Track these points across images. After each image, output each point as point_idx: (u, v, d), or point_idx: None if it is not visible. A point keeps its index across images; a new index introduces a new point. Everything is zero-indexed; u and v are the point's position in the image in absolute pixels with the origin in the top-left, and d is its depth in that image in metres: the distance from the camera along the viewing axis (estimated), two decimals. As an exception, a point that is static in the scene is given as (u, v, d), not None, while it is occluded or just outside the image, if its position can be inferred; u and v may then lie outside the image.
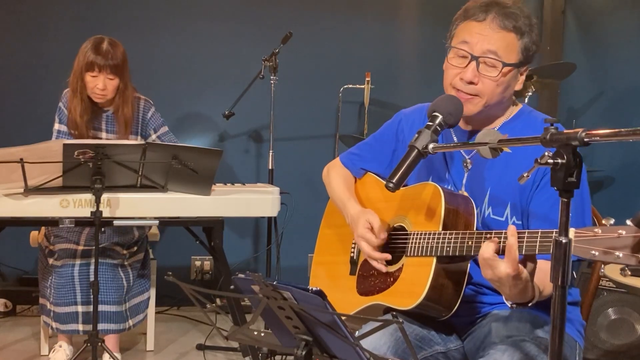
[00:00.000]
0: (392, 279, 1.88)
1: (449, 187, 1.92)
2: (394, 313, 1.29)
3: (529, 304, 1.64)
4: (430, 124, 1.72)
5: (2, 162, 2.68)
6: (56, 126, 3.35)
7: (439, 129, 1.72)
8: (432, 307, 1.78)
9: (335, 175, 2.22)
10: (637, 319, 3.13)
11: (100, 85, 3.19)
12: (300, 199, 4.10)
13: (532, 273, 1.59)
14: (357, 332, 1.78)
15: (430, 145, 1.68)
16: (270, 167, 3.95)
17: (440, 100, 1.78)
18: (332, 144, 4.54)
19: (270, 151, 3.96)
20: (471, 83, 1.81)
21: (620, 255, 1.29)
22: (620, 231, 1.30)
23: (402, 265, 1.86)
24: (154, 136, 3.42)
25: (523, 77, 1.88)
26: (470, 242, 1.69)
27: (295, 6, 4.53)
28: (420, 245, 1.80)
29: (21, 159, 2.67)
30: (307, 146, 4.59)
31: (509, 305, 1.68)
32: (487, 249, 1.57)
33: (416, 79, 4.69)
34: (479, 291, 1.89)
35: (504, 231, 1.62)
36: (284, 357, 3.26)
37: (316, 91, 4.56)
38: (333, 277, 2.12)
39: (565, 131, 1.30)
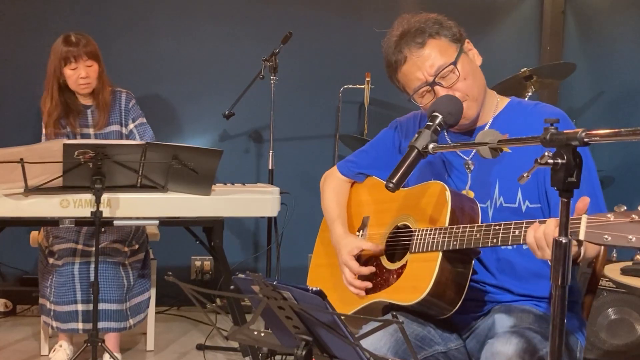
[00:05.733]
0: (395, 276, 1.88)
1: None
2: (394, 313, 1.29)
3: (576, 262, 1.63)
4: (430, 124, 1.72)
5: (2, 162, 2.68)
6: (44, 131, 3.39)
7: (439, 129, 1.73)
8: (435, 304, 1.77)
9: (328, 189, 2.26)
10: (637, 319, 3.13)
11: (83, 73, 3.23)
12: (300, 199, 4.10)
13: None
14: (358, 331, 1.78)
15: (430, 145, 1.68)
16: (270, 167, 3.95)
17: (440, 100, 1.79)
18: (332, 144, 4.54)
19: (270, 151, 3.96)
20: None
21: (633, 238, 1.29)
22: (633, 216, 1.30)
23: (406, 262, 1.86)
24: (131, 126, 3.43)
25: (474, 51, 1.92)
26: (478, 235, 1.69)
27: (295, 6, 4.53)
28: (426, 241, 1.80)
29: (21, 159, 2.67)
30: (307, 146, 4.59)
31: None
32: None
33: (416, 79, 4.69)
34: (481, 289, 1.89)
35: (512, 222, 1.64)
36: (284, 357, 3.27)
37: (316, 91, 4.56)
38: (333, 277, 2.11)
39: (565, 131, 1.30)
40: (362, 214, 2.11)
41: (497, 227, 1.66)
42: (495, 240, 1.66)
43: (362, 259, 2.02)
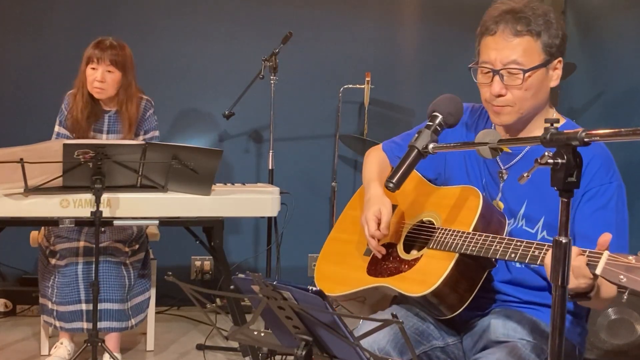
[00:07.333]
0: (406, 266, 1.90)
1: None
2: (394, 313, 1.29)
3: (588, 295, 1.59)
4: (430, 123, 1.73)
5: (2, 162, 2.68)
6: (56, 128, 3.38)
7: (439, 129, 1.73)
8: (438, 302, 1.78)
9: (372, 158, 2.23)
10: (637, 319, 3.13)
11: (99, 76, 3.20)
12: (300, 199, 4.10)
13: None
14: (356, 328, 1.79)
15: (430, 145, 1.69)
16: (270, 167, 3.95)
17: (441, 100, 1.79)
18: (332, 144, 4.54)
19: (270, 151, 3.96)
20: (500, 96, 1.81)
21: None
22: None
23: (421, 255, 1.87)
24: (141, 138, 3.39)
25: (558, 72, 1.86)
26: (498, 246, 1.69)
27: (295, 6, 4.53)
28: (446, 240, 1.81)
29: (21, 159, 2.67)
30: (307, 146, 4.59)
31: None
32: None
33: (416, 79, 4.69)
34: (487, 289, 1.90)
35: (535, 242, 1.63)
36: (284, 357, 3.27)
37: (316, 91, 4.56)
38: (345, 254, 2.12)
39: (565, 131, 1.30)
40: (392, 202, 2.10)
41: (518, 244, 1.66)
42: (513, 255, 1.65)
43: (380, 242, 2.03)
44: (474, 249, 1.73)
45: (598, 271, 1.42)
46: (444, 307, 1.79)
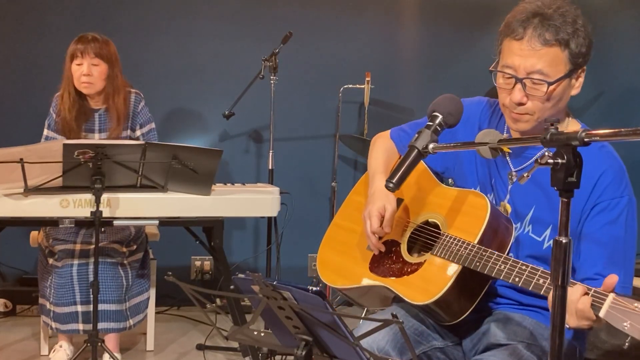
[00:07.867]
0: (409, 270, 1.88)
1: (491, 197, 1.91)
2: (394, 313, 1.29)
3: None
4: (430, 124, 1.72)
5: (2, 162, 2.68)
6: (45, 132, 3.37)
7: (439, 129, 1.72)
8: (440, 310, 1.78)
9: (380, 145, 2.18)
10: (637, 319, 3.12)
11: (85, 70, 3.19)
12: (300, 199, 4.10)
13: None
14: (355, 328, 1.79)
15: (430, 145, 1.68)
16: (270, 167, 3.95)
17: (441, 100, 1.78)
18: (332, 144, 4.53)
19: (270, 151, 3.96)
20: (520, 104, 1.76)
21: None
22: None
23: (424, 260, 1.86)
24: (138, 132, 3.38)
25: (581, 80, 1.81)
26: (502, 267, 1.67)
27: (295, 6, 4.53)
28: (451, 249, 1.79)
29: (21, 159, 2.67)
30: (307, 146, 4.59)
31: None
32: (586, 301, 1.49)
33: (416, 79, 4.69)
34: (489, 293, 1.89)
35: (540, 269, 1.61)
36: (284, 357, 3.27)
37: (316, 91, 4.56)
38: (348, 244, 2.11)
39: (565, 131, 1.30)
40: (398, 195, 2.07)
41: (523, 268, 1.64)
42: (517, 279, 1.64)
43: (382, 239, 2.02)
44: (478, 264, 1.71)
45: (601, 314, 1.42)
46: (445, 315, 1.79)
